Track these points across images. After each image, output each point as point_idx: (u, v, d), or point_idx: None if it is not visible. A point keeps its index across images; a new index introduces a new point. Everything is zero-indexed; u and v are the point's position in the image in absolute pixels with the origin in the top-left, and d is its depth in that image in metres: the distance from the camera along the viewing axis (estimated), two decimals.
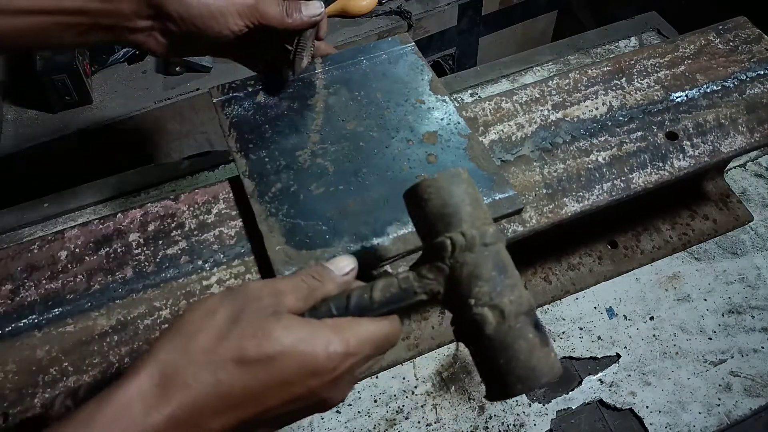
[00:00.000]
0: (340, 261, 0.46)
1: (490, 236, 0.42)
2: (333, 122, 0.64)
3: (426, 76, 0.68)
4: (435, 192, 0.43)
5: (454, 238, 0.41)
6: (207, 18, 0.55)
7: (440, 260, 0.42)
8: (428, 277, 0.42)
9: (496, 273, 0.41)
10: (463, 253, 0.41)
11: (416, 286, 0.42)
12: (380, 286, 0.43)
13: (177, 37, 0.57)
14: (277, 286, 0.42)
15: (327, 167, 0.61)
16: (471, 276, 0.41)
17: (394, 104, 0.66)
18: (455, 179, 0.44)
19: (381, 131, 0.63)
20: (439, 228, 0.43)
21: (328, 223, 0.56)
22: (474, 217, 0.43)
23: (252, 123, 0.64)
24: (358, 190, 0.59)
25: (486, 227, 0.42)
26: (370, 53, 0.71)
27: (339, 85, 0.68)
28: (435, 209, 0.43)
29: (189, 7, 0.54)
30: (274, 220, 0.56)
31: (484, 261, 0.41)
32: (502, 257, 0.42)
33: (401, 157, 0.61)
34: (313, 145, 0.62)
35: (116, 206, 0.90)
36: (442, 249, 0.42)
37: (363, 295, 0.43)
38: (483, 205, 0.44)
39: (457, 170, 0.44)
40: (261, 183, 0.59)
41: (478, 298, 0.40)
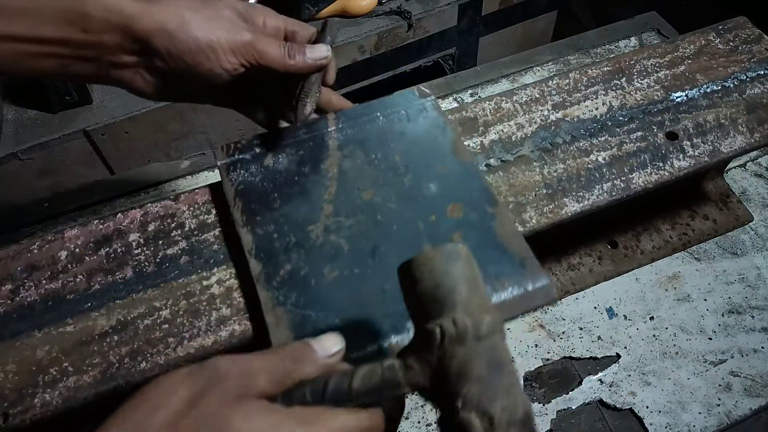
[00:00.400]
0: (326, 340, 0.41)
1: (485, 327, 0.37)
2: (348, 191, 0.59)
3: (448, 136, 0.63)
4: (428, 271, 0.39)
5: (444, 326, 0.37)
6: (196, 53, 0.50)
7: (428, 350, 0.37)
8: (414, 368, 0.37)
9: (488, 372, 0.36)
10: (452, 345, 0.36)
11: (401, 376, 0.38)
12: (361, 373, 0.38)
13: (165, 75, 0.52)
14: (250, 365, 0.37)
15: (341, 245, 0.55)
16: (460, 373, 0.36)
17: (414, 169, 0.60)
18: (451, 257, 0.39)
19: (400, 202, 0.58)
20: (429, 312, 0.38)
21: (341, 314, 0.51)
22: (469, 302, 0.38)
23: (259, 190, 0.59)
24: (375, 274, 0.53)
25: (482, 316, 0.37)
26: (387, 109, 0.65)
27: (354, 146, 0.62)
28: (427, 290, 0.38)
29: (177, 42, 0.49)
30: (282, 310, 0.51)
31: (476, 357, 0.36)
32: (498, 353, 0.37)
33: (423, 235, 0.55)
34: (326, 218, 0.57)
35: (116, 206, 0.90)
36: (430, 337, 0.37)
37: (342, 382, 0.38)
38: (482, 289, 0.40)
39: (455, 247, 0.40)
40: (268, 264, 0.54)
41: (466, 400, 0.35)
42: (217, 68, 0.52)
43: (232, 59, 0.52)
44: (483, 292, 0.39)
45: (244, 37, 0.52)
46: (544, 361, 0.74)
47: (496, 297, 0.52)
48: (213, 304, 0.54)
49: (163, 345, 0.52)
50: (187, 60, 0.51)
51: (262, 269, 0.54)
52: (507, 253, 0.54)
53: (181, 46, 0.50)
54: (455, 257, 0.39)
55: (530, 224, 0.60)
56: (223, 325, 0.53)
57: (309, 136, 0.63)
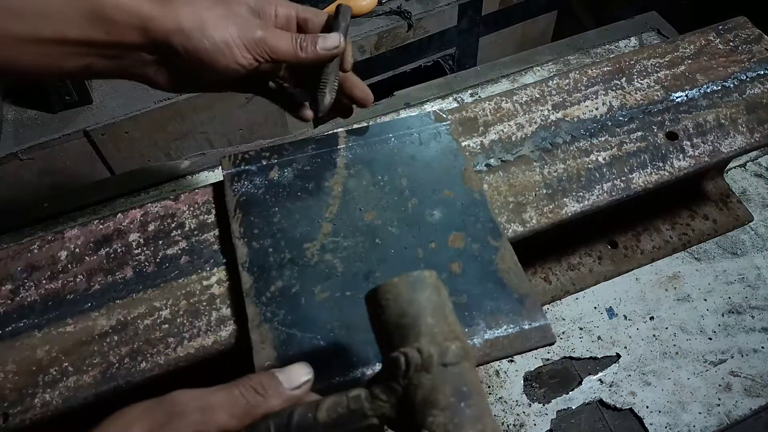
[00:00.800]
0: (293, 371, 0.40)
1: (452, 355, 0.36)
2: (349, 211, 0.58)
3: (460, 164, 0.61)
4: (393, 299, 0.38)
5: (408, 354, 0.36)
6: (212, 51, 0.52)
7: (394, 379, 0.36)
8: (380, 399, 0.36)
9: (455, 400, 0.35)
10: (418, 374, 0.36)
11: (367, 407, 0.37)
12: (327, 405, 0.37)
13: (184, 71, 0.54)
14: (209, 399, 0.37)
15: (336, 266, 0.54)
16: (425, 402, 0.35)
17: (420, 194, 0.59)
18: (417, 285, 0.38)
19: (401, 227, 0.57)
20: (395, 341, 0.37)
21: (328, 337, 0.50)
22: (435, 330, 0.37)
23: (261, 204, 0.58)
24: None
25: (448, 343, 0.37)
26: (400, 130, 0.64)
27: (361, 166, 0.61)
28: (392, 318, 0.38)
29: (194, 41, 0.51)
30: (267, 328, 0.50)
31: (443, 385, 0.35)
32: (465, 380, 0.36)
33: (421, 263, 0.54)
34: (324, 237, 0.56)
35: (116, 206, 0.90)
36: (395, 366, 0.36)
37: (307, 415, 0.37)
38: (450, 316, 0.39)
39: (421, 274, 0.39)
40: (260, 279, 0.53)
41: (431, 430, 0.34)
42: (232, 64, 0.53)
43: (246, 55, 0.53)
44: (451, 319, 0.39)
45: (256, 34, 0.53)
46: (544, 361, 0.74)
47: (489, 334, 0.51)
48: (213, 304, 0.54)
49: (163, 345, 0.52)
50: (203, 57, 0.52)
51: (252, 283, 0.53)
52: (506, 288, 0.53)
53: (197, 45, 0.51)
54: (421, 285, 0.39)
55: (530, 224, 0.60)
56: (223, 325, 0.53)
57: (318, 152, 0.62)
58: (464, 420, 0.34)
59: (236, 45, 0.52)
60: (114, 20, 0.50)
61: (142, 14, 0.50)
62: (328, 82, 0.57)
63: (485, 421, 0.35)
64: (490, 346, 0.50)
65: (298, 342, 0.50)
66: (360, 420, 0.37)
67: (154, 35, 0.51)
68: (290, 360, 0.48)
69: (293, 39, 0.55)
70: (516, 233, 0.60)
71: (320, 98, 0.57)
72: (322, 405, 0.37)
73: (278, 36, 0.54)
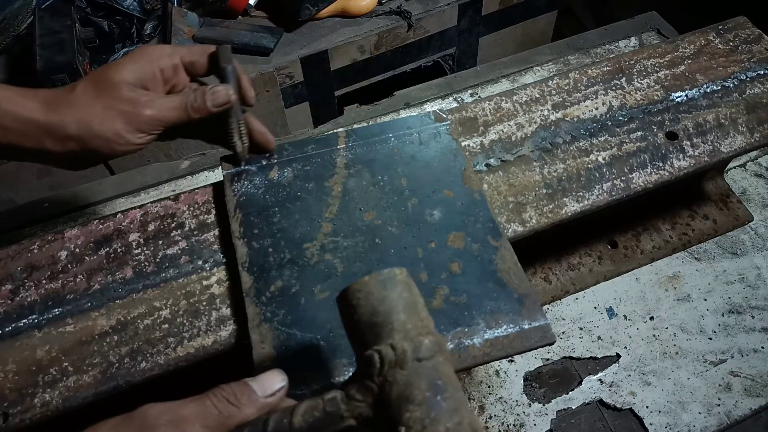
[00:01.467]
0: (267, 378, 0.40)
1: (425, 349, 0.36)
2: (349, 210, 0.58)
3: (459, 164, 0.61)
4: (364, 298, 0.38)
5: (382, 351, 0.36)
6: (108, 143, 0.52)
7: (369, 378, 0.36)
8: (356, 399, 0.36)
9: (431, 394, 0.34)
10: (392, 370, 0.35)
11: (343, 409, 0.36)
12: (302, 409, 0.37)
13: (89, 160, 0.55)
14: (181, 412, 0.36)
15: (336, 266, 0.54)
16: (401, 398, 0.35)
17: (420, 194, 0.59)
18: (388, 282, 0.38)
19: (401, 227, 0.56)
20: (368, 339, 0.37)
21: (327, 337, 0.50)
22: (408, 326, 0.37)
23: (261, 204, 0.58)
24: None
25: (421, 338, 0.37)
26: (400, 130, 0.64)
27: (361, 166, 0.61)
28: (364, 317, 0.38)
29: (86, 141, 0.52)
30: (267, 327, 0.50)
31: (418, 380, 0.35)
32: (440, 374, 0.36)
33: (420, 263, 0.54)
34: (324, 236, 0.56)
35: (116, 206, 0.90)
36: (369, 364, 0.36)
37: (282, 420, 0.37)
38: (422, 312, 0.39)
39: (391, 272, 0.39)
40: (260, 279, 0.53)
41: (409, 425, 0.33)
42: (130, 146, 0.54)
43: (140, 135, 0.54)
44: (423, 314, 0.39)
45: (144, 114, 0.53)
46: (544, 361, 0.74)
47: (489, 333, 0.51)
48: (213, 304, 0.54)
49: (163, 345, 0.52)
50: (101, 150, 0.53)
51: (252, 283, 0.53)
52: (506, 289, 0.53)
53: (91, 143, 0.52)
54: (392, 282, 0.39)
55: (530, 224, 0.60)
56: (223, 325, 0.53)
57: (317, 152, 0.62)
58: (441, 413, 0.34)
59: (127, 132, 0.53)
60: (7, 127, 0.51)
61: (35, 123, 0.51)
62: (234, 130, 0.58)
63: (462, 413, 0.34)
64: (490, 346, 0.50)
65: (297, 342, 0.50)
66: (337, 422, 0.37)
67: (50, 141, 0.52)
68: (290, 360, 0.48)
69: (183, 104, 0.54)
70: (516, 233, 0.60)
71: (232, 149, 0.58)
72: (298, 410, 0.37)
73: (167, 106, 0.54)
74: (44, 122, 0.51)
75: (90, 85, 0.53)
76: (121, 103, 0.52)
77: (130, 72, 0.53)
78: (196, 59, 0.57)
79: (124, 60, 0.54)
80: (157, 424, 0.35)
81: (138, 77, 0.54)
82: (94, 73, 0.54)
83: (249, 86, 0.59)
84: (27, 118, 0.51)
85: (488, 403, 0.71)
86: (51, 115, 0.51)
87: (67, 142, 0.52)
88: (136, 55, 0.54)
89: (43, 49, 1.25)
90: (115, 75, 0.53)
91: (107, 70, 0.53)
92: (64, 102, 0.52)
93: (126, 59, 0.54)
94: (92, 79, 0.53)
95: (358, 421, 0.36)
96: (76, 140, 0.52)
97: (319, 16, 1.54)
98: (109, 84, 0.52)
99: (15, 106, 0.51)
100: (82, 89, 0.52)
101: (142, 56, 0.54)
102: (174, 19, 1.47)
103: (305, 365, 0.48)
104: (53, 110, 0.51)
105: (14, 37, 1.38)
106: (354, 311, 0.38)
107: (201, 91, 0.55)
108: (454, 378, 0.37)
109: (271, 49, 1.47)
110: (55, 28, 1.30)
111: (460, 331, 0.51)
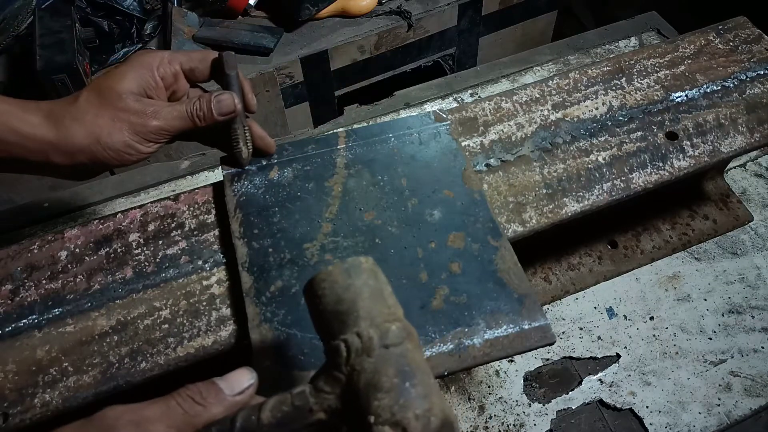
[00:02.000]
0: (235, 377, 0.39)
1: (393, 336, 0.36)
2: (349, 211, 0.58)
3: (459, 164, 0.61)
4: (329, 287, 0.37)
5: (348, 340, 0.35)
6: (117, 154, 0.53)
7: (336, 368, 0.35)
8: (325, 390, 0.35)
9: (399, 380, 0.34)
10: (359, 358, 0.35)
11: (312, 402, 0.35)
12: (270, 405, 0.36)
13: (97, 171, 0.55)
14: (143, 413, 0.35)
15: None
16: (369, 385, 0.34)
17: (420, 194, 0.59)
18: (353, 270, 0.38)
19: (401, 227, 0.56)
20: (334, 329, 0.36)
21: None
22: (374, 313, 0.36)
23: (261, 204, 0.58)
24: None
25: (388, 325, 0.36)
26: (400, 130, 0.64)
27: (361, 166, 0.61)
28: (329, 307, 0.37)
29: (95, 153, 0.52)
30: (267, 328, 0.50)
31: (385, 367, 0.34)
32: (408, 360, 0.35)
33: (421, 263, 0.54)
34: (324, 237, 0.56)
35: (116, 206, 0.90)
36: (336, 354, 0.35)
37: (250, 417, 0.36)
38: (389, 299, 0.38)
39: (356, 260, 0.39)
40: (260, 279, 0.53)
41: (378, 414, 0.32)
42: (139, 155, 0.54)
43: (148, 144, 0.54)
44: (391, 301, 0.38)
45: (150, 125, 0.53)
46: (544, 361, 0.74)
47: (489, 333, 0.51)
48: (213, 304, 0.54)
49: (163, 345, 0.52)
50: (110, 161, 0.53)
51: (252, 283, 0.53)
52: (506, 288, 0.53)
53: (100, 156, 0.52)
54: (357, 270, 0.38)
55: (530, 224, 0.60)
56: (223, 325, 0.53)
57: (317, 152, 0.62)
58: (410, 400, 0.33)
59: (135, 141, 0.53)
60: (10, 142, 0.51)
61: (41, 138, 0.51)
62: (239, 137, 0.58)
63: (432, 399, 0.34)
64: (490, 346, 0.50)
65: (297, 342, 0.50)
66: (306, 416, 0.36)
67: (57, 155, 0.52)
68: (290, 360, 0.48)
69: (188, 112, 0.55)
70: (516, 233, 0.60)
71: (238, 155, 0.59)
72: (266, 406, 0.36)
73: (173, 115, 0.54)
74: (51, 137, 0.51)
75: (93, 96, 0.52)
76: (127, 114, 0.52)
77: (133, 81, 0.53)
78: (195, 66, 0.57)
79: (124, 69, 0.54)
80: (117, 425, 0.34)
81: (141, 86, 0.54)
82: (96, 82, 0.54)
83: (251, 92, 0.59)
84: (31, 134, 0.51)
85: (488, 403, 0.71)
86: (57, 130, 0.51)
87: (76, 156, 0.52)
88: (135, 64, 0.54)
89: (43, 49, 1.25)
90: (118, 85, 0.52)
91: (109, 80, 0.53)
92: (69, 115, 0.51)
93: (126, 68, 0.54)
94: (95, 90, 0.53)
95: (327, 413, 0.36)
96: (85, 153, 0.52)
97: (319, 16, 1.54)
98: (113, 94, 0.52)
99: (18, 122, 0.51)
100: (85, 100, 0.52)
101: (142, 65, 0.54)
102: (174, 19, 1.47)
103: (305, 365, 0.48)
104: (59, 125, 0.51)
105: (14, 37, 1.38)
106: (319, 301, 0.38)
107: (206, 100, 0.55)
108: (424, 364, 0.36)
109: (271, 49, 1.47)
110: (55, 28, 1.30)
111: (460, 331, 0.51)
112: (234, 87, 0.57)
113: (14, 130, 0.51)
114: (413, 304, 0.51)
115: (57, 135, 0.51)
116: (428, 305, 0.51)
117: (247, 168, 0.61)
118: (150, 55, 0.55)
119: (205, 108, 0.55)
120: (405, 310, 0.49)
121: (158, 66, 0.55)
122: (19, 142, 0.51)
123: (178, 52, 0.57)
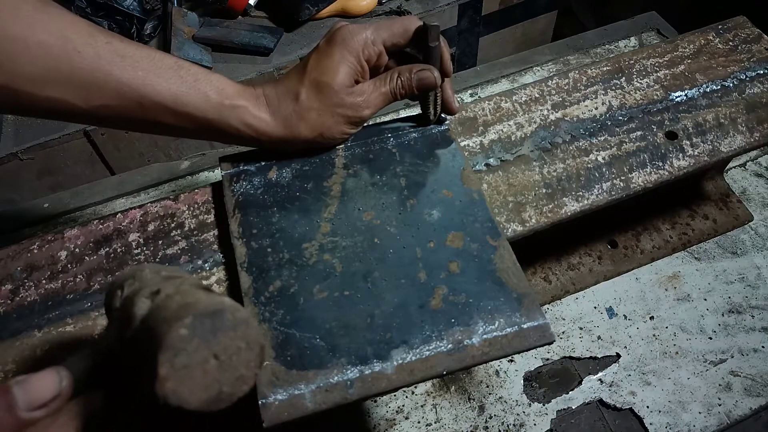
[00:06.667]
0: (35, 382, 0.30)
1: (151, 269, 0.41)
2: (348, 210, 0.58)
3: (458, 163, 0.61)
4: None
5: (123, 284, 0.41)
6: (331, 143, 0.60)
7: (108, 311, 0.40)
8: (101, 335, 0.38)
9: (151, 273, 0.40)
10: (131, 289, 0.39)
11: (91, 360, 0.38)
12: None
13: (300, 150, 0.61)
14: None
15: (334, 266, 0.54)
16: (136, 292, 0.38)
17: (419, 194, 0.59)
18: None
19: (400, 226, 0.56)
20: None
21: (327, 337, 0.49)
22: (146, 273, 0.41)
23: (260, 204, 0.58)
24: (365, 299, 0.52)
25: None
26: (399, 130, 0.64)
27: (360, 166, 0.61)
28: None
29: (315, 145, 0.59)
30: (266, 328, 0.50)
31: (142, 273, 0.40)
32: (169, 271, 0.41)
33: (419, 263, 0.54)
34: (322, 236, 0.56)
35: (116, 206, 0.90)
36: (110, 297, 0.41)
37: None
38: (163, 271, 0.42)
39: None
40: (259, 279, 0.53)
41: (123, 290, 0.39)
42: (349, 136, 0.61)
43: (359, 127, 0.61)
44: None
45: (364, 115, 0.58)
46: (544, 361, 0.74)
47: (488, 333, 0.50)
48: None
49: None
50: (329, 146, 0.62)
51: (251, 283, 0.53)
52: (504, 288, 0.53)
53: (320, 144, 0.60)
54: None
55: (530, 224, 0.60)
56: None
57: (316, 152, 0.62)
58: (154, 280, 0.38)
59: (350, 129, 0.59)
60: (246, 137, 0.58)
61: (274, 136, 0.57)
62: (430, 103, 0.62)
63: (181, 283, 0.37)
64: (489, 346, 0.50)
65: (296, 342, 0.50)
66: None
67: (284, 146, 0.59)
68: (289, 361, 0.48)
69: (391, 92, 0.59)
70: (515, 233, 0.60)
71: (426, 117, 0.64)
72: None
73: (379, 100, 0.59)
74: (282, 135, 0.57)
75: (313, 95, 0.56)
76: (344, 108, 0.57)
77: (345, 75, 0.56)
78: (397, 41, 0.59)
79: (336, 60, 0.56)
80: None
81: (351, 77, 0.57)
82: (314, 79, 0.56)
83: (449, 60, 0.62)
84: (266, 132, 0.57)
85: (488, 403, 0.71)
86: (285, 128, 0.57)
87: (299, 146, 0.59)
88: (343, 50, 0.56)
89: None
90: (334, 81, 0.56)
91: (324, 75, 0.56)
92: (296, 115, 0.56)
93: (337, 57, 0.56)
94: (314, 88, 0.56)
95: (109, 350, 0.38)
96: (308, 143, 0.59)
97: (319, 16, 1.54)
98: (331, 92, 0.56)
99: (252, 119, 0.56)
100: (306, 99, 0.56)
101: (350, 51, 0.56)
102: (174, 19, 1.48)
103: (304, 365, 0.48)
104: (287, 123, 0.56)
105: None
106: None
107: (407, 78, 0.58)
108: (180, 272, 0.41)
109: (271, 49, 1.47)
110: None
111: (459, 331, 0.51)
112: (435, 60, 0.59)
113: (249, 125, 0.56)
114: (412, 303, 0.51)
115: (286, 133, 0.57)
116: (427, 305, 0.51)
117: (246, 168, 0.61)
118: (355, 39, 0.56)
119: (407, 85, 0.58)
120: (404, 310, 0.50)
121: (363, 49, 0.57)
122: (253, 136, 0.57)
123: (381, 27, 0.58)
